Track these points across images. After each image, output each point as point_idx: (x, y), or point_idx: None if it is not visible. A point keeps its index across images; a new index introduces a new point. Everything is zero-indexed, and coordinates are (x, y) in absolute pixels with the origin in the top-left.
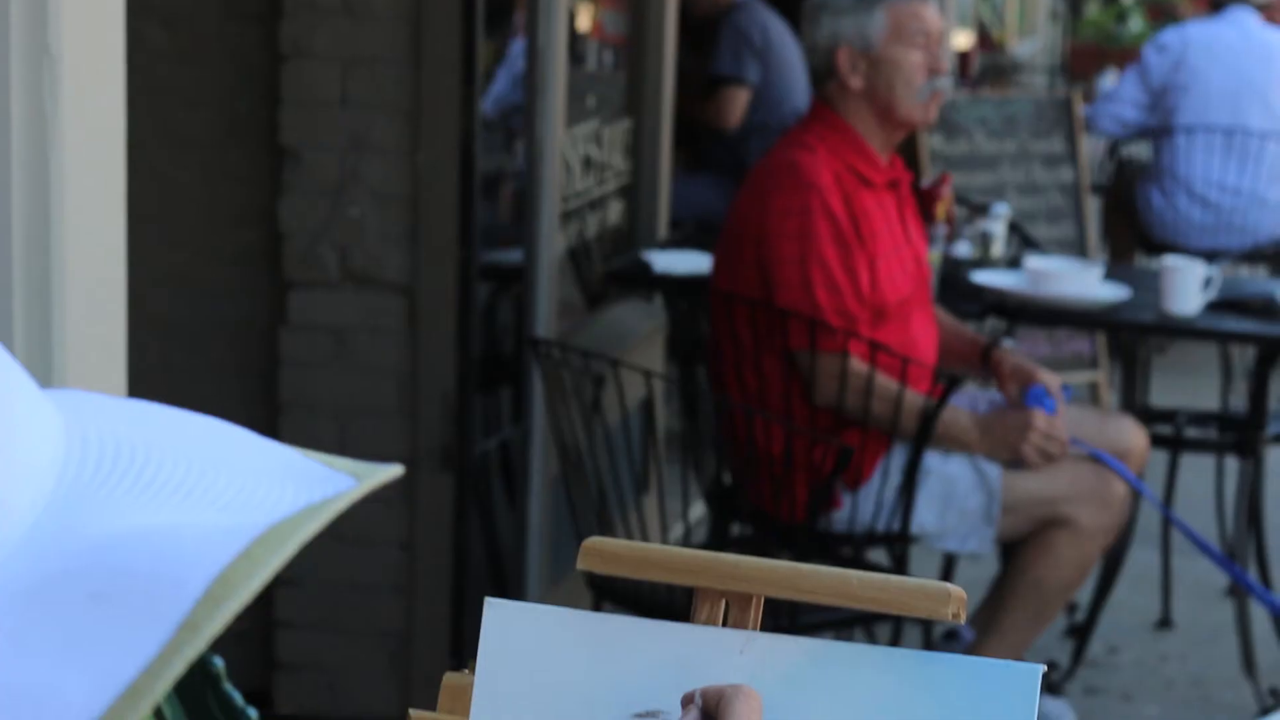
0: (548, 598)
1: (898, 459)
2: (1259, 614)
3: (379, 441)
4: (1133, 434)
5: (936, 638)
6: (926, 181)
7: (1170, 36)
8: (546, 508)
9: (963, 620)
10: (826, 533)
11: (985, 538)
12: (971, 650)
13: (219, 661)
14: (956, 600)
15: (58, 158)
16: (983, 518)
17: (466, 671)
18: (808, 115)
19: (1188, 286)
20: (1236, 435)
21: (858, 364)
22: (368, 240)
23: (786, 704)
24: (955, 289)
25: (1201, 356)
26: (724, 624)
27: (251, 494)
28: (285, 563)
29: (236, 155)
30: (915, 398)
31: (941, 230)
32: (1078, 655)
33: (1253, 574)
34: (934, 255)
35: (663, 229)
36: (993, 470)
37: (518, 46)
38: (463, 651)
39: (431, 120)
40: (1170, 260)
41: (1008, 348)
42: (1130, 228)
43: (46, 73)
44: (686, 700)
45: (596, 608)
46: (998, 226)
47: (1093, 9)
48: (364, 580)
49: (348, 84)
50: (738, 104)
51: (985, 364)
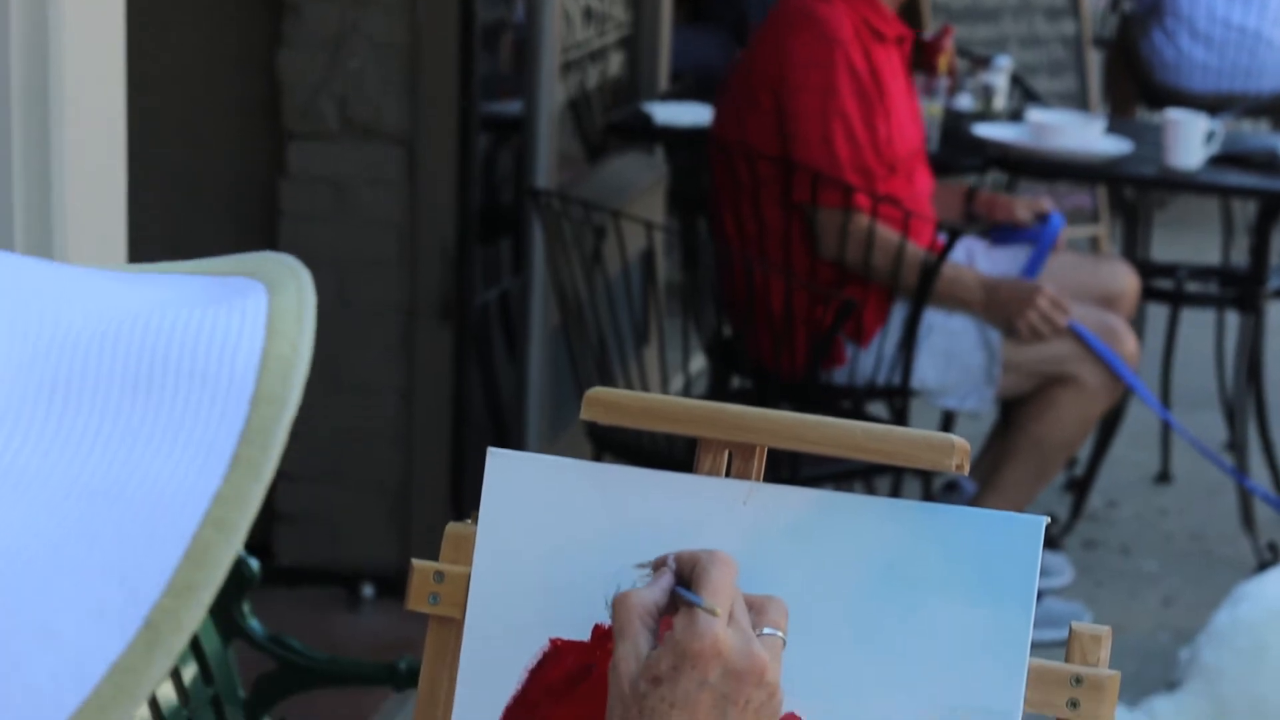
0: (547, 450)
1: (900, 314)
2: (1258, 469)
3: (378, 293)
4: (1124, 277)
5: (936, 490)
6: (928, 34)
7: None
8: (546, 359)
9: (965, 472)
10: (827, 386)
11: (985, 397)
12: (971, 505)
13: None
14: (960, 452)
15: (56, 10)
16: (984, 377)
17: (469, 522)
18: None
19: (1190, 140)
20: (1237, 290)
21: (861, 218)
22: (367, 92)
23: (789, 554)
24: (957, 142)
25: (1203, 211)
26: (727, 475)
27: (214, 301)
28: (313, 335)
29: (235, 7)
30: (917, 251)
31: (943, 83)
32: (1077, 509)
33: (1252, 431)
34: (936, 109)
35: (663, 81)
36: (995, 331)
37: None
38: (462, 503)
39: None
40: (1172, 114)
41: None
42: (1132, 81)
43: None
44: (659, 564)
45: (596, 460)
46: (999, 79)
47: None
48: (363, 431)
49: None
50: None
51: (970, 209)
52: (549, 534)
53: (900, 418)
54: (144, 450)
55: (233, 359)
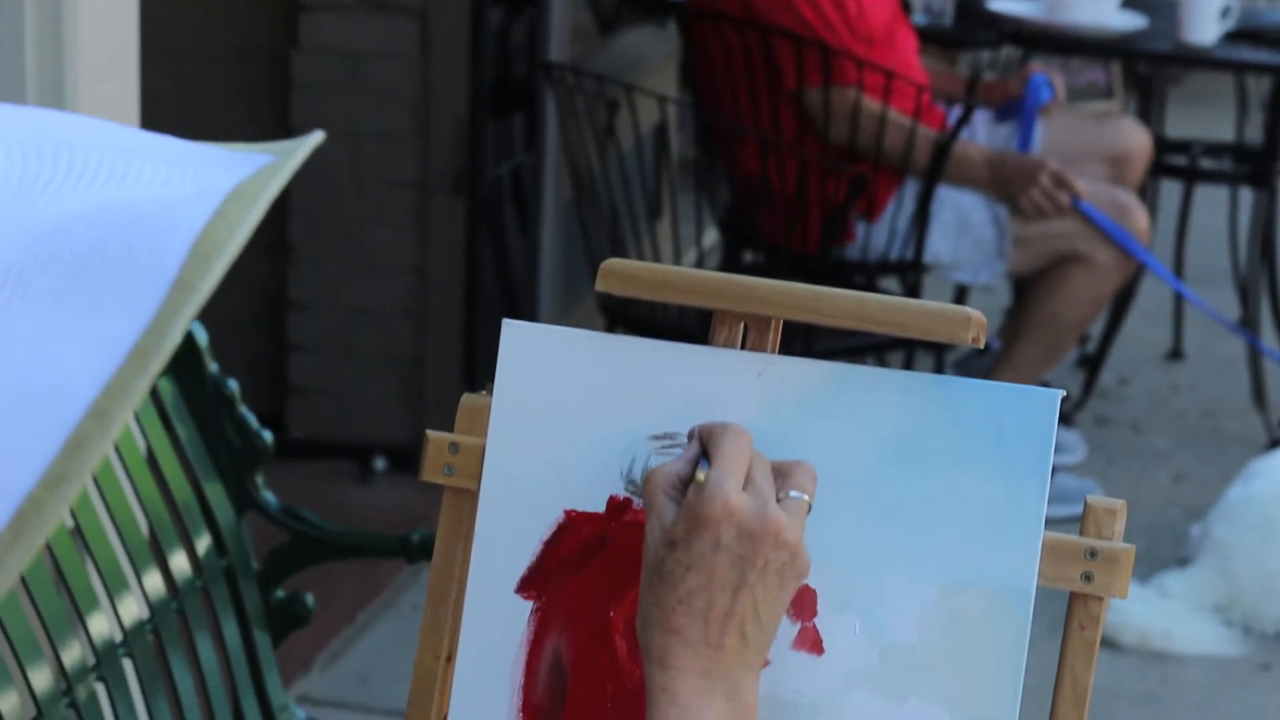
0: (560, 323)
1: (911, 189)
2: (1271, 345)
3: (391, 166)
4: (1134, 135)
5: (959, 355)
6: None
7: None
8: (559, 234)
9: (981, 345)
10: (839, 262)
11: (997, 271)
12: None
13: (233, 384)
14: (977, 324)
15: None
16: (995, 250)
17: (484, 393)
18: None
19: (1205, 15)
20: (1251, 167)
21: (869, 103)
22: None
23: (803, 426)
24: (971, 17)
25: (1217, 87)
26: (742, 348)
27: (190, 175)
28: (258, 222)
29: None
30: (927, 132)
31: None
32: (1089, 386)
33: (1265, 308)
34: None
35: None
36: (1002, 206)
37: None
38: (475, 376)
39: None
40: None
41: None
42: None
43: None
44: (691, 435)
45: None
46: None
47: None
48: (376, 305)
49: None
50: None
51: (970, 97)
52: (564, 405)
53: (913, 294)
54: (59, 338)
55: (168, 244)
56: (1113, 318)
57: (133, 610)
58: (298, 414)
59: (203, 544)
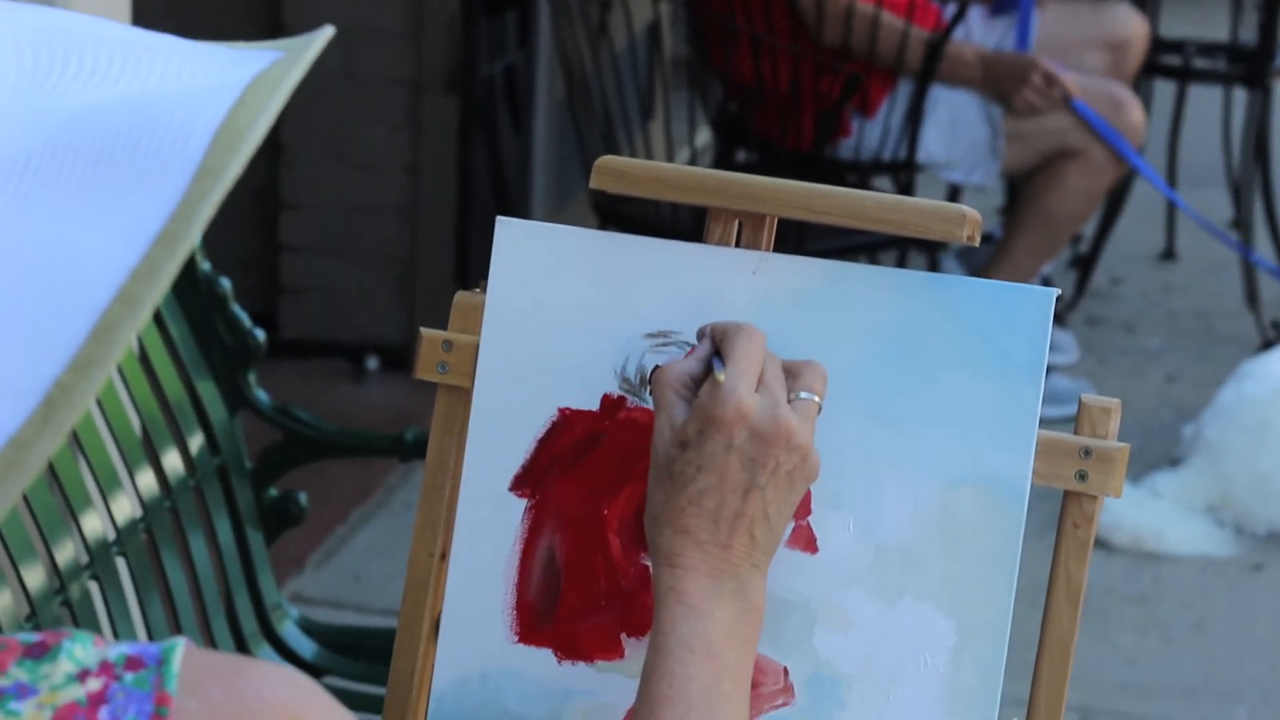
0: (553, 222)
1: (905, 88)
2: (1263, 246)
3: (384, 64)
4: (1131, 21)
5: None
6: None
7: None
8: (551, 133)
9: (976, 243)
10: (832, 161)
11: (991, 170)
12: (981, 274)
13: (226, 283)
14: (971, 222)
15: None
16: (988, 150)
17: (477, 291)
18: None
19: None
20: (1245, 67)
21: (862, 5)
22: None
23: (799, 324)
24: None
25: None
26: (736, 246)
27: (205, 69)
28: (279, 110)
29: None
30: (920, 33)
31: None
32: (1081, 286)
33: (1257, 208)
34: None
35: None
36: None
37: None
38: (468, 275)
39: None
40: None
41: None
42: None
43: None
44: (701, 334)
45: None
46: None
47: None
48: (368, 204)
49: None
50: None
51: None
52: (558, 303)
53: (907, 192)
54: (83, 225)
55: (190, 132)
56: (1105, 218)
57: (125, 509)
58: (290, 313)
59: (195, 443)
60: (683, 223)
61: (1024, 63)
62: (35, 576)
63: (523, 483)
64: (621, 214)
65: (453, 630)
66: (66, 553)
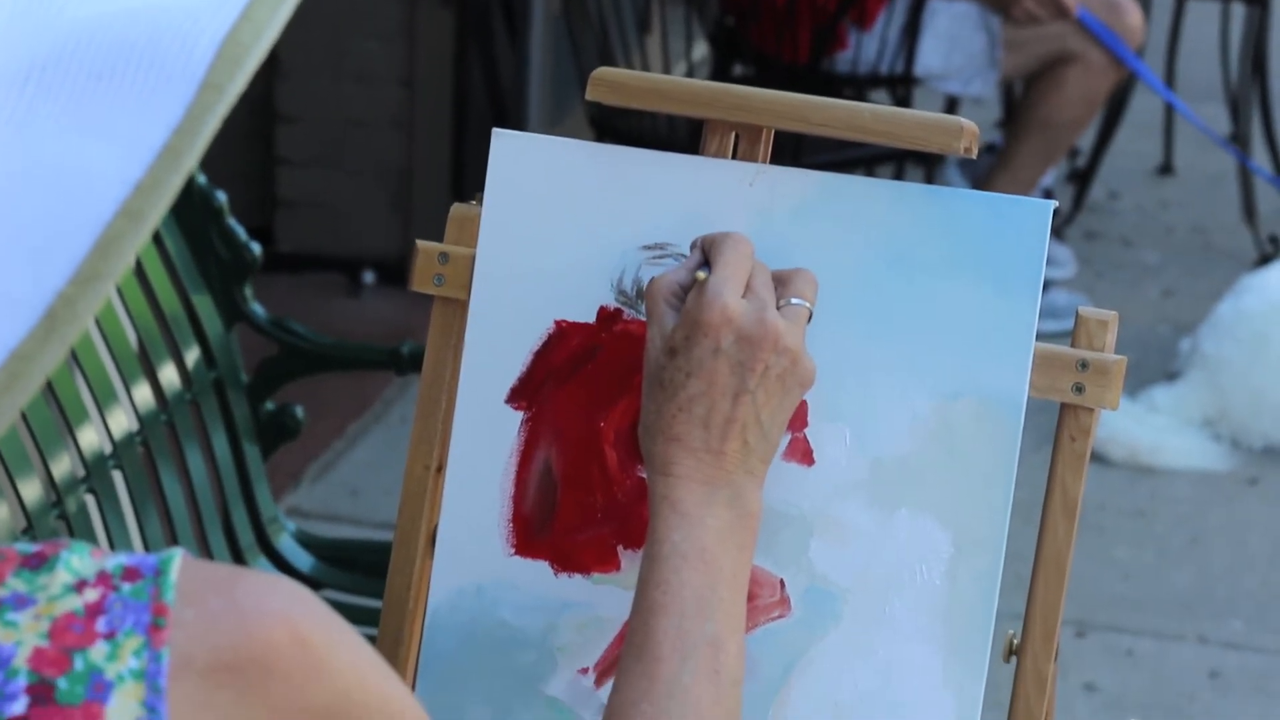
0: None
1: (903, 0)
2: (1261, 161)
3: None
4: None
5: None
6: None
7: None
8: (548, 45)
9: (974, 155)
10: (829, 75)
11: (989, 80)
12: (982, 183)
13: (221, 196)
14: (969, 134)
15: None
16: (986, 60)
17: (474, 203)
18: None
19: None
20: None
21: None
22: None
23: (795, 236)
24: None
25: None
26: (733, 158)
27: None
28: (284, 25)
29: None
30: None
31: None
32: (1079, 200)
33: (1256, 123)
34: None
35: None
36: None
37: None
38: (464, 189)
39: None
40: None
41: None
42: None
43: None
44: (693, 246)
45: None
46: None
47: None
48: (365, 117)
49: None
50: None
51: None
52: (554, 215)
53: (904, 105)
54: (86, 139)
55: (193, 46)
56: (1103, 131)
57: (122, 423)
58: (286, 227)
59: (191, 356)
60: (679, 137)
61: None
62: (32, 490)
63: (519, 395)
64: (618, 128)
65: (449, 543)
66: (63, 466)
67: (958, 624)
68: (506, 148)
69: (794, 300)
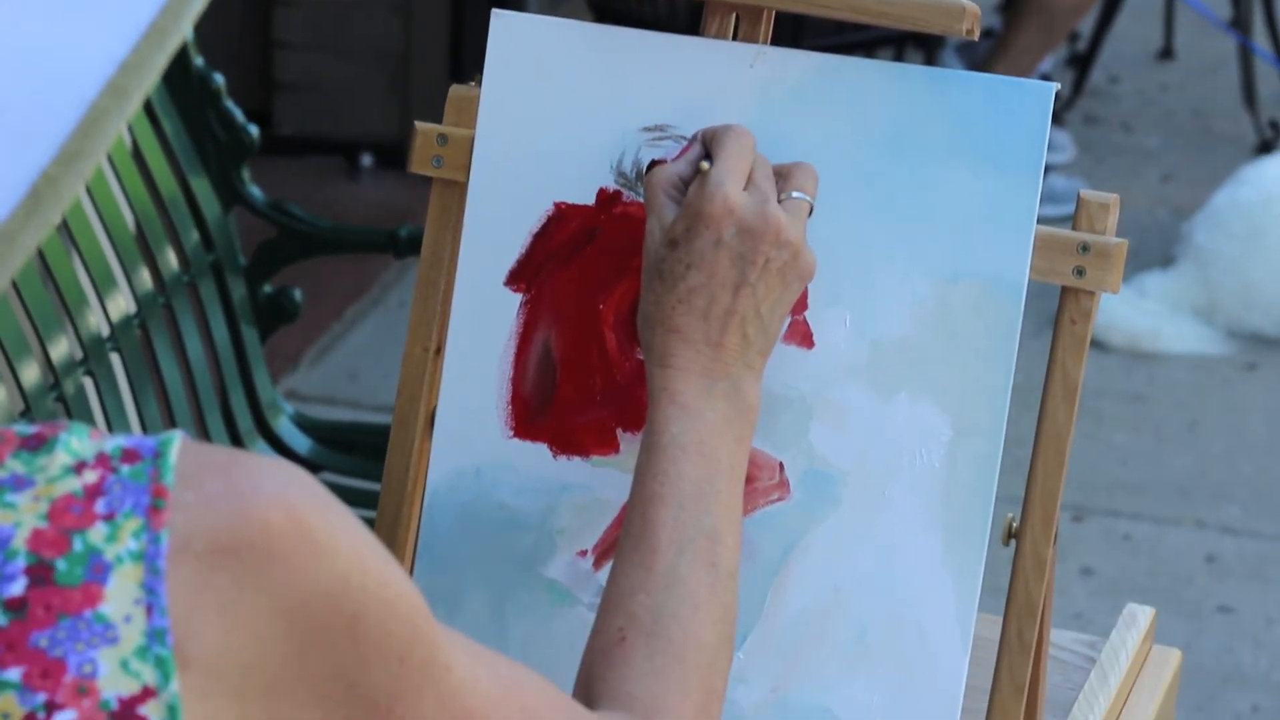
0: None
1: None
2: (1263, 44)
3: None
4: None
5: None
6: None
7: None
8: None
9: (976, 37)
10: None
11: None
12: (980, 68)
13: (219, 79)
14: (971, 15)
15: None
16: None
17: (472, 85)
18: None
19: None
20: None
21: None
22: None
23: (796, 118)
24: None
25: None
26: (734, 40)
27: None
28: None
29: None
30: None
31: None
32: (1079, 85)
33: (1257, 10)
34: None
35: None
36: None
37: None
38: (462, 71)
39: None
40: None
41: None
42: None
43: None
44: (694, 138)
45: None
46: None
47: None
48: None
49: None
50: None
51: None
52: (554, 96)
53: None
54: (72, 18)
55: None
56: (1104, 15)
57: (120, 306)
58: (284, 110)
59: (189, 239)
60: (679, 19)
61: None
62: (30, 373)
63: (518, 277)
64: (617, 10)
65: (447, 425)
66: (61, 349)
67: (957, 507)
68: (506, 29)
69: (795, 193)
